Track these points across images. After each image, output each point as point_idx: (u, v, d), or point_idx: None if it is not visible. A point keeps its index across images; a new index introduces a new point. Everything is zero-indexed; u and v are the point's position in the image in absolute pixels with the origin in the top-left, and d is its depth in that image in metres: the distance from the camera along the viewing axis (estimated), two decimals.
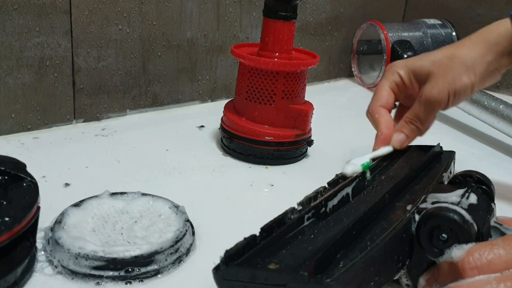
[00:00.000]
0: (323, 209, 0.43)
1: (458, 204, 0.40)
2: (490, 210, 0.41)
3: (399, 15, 1.24)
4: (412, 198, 0.42)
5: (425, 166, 0.51)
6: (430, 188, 0.44)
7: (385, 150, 0.54)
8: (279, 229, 0.38)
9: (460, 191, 0.43)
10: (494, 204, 0.44)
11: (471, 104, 0.84)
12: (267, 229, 0.37)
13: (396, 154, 0.56)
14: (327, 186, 0.46)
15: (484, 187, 0.46)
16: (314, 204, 0.42)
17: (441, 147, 0.56)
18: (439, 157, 0.54)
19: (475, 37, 0.52)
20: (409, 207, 0.39)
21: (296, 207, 0.41)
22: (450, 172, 0.51)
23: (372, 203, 0.40)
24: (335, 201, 0.44)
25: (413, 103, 0.56)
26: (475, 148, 0.80)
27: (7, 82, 0.64)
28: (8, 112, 0.66)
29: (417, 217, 0.38)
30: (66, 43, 0.68)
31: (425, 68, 0.53)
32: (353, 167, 0.49)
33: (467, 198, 0.42)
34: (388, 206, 0.41)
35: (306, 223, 0.40)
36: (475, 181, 0.47)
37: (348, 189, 0.46)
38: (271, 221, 0.38)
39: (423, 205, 0.40)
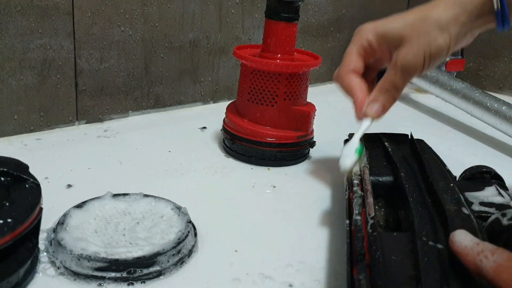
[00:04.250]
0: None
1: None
2: None
3: None
4: (454, 199, 0.41)
5: (420, 158, 0.50)
6: (456, 186, 0.43)
7: (365, 125, 0.51)
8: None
9: (491, 189, 0.43)
10: None
11: (473, 105, 0.84)
12: None
13: (375, 145, 0.55)
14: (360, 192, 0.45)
15: (499, 181, 0.47)
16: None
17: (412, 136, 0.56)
18: (420, 147, 0.53)
19: None
20: (465, 211, 0.38)
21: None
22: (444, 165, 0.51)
23: (436, 218, 0.39)
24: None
25: (381, 65, 0.54)
26: (478, 149, 0.80)
27: (10, 84, 0.64)
28: (11, 114, 0.66)
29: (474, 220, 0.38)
30: (68, 44, 0.68)
31: (396, 32, 0.49)
32: (350, 159, 0.48)
33: (510, 196, 0.42)
34: (440, 209, 0.40)
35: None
36: (492, 176, 0.48)
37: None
38: None
39: (476, 208, 0.41)
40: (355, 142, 0.50)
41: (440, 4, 0.49)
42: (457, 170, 0.54)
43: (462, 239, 0.33)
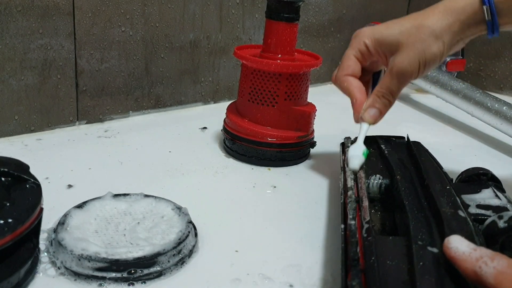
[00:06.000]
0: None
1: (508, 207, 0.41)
2: None
3: (402, 16, 1.24)
4: (451, 201, 0.41)
5: (417, 161, 0.50)
6: (452, 189, 0.43)
7: (365, 127, 0.53)
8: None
9: (487, 191, 0.44)
10: None
11: (474, 106, 0.84)
12: None
13: (374, 149, 0.55)
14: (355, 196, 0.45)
15: (496, 183, 0.47)
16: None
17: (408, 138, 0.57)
18: (417, 149, 0.53)
19: (442, 6, 0.51)
20: (462, 214, 0.39)
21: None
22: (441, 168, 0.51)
23: (432, 221, 0.39)
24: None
25: (377, 67, 0.56)
26: (478, 149, 0.80)
27: (10, 84, 0.64)
28: (12, 114, 0.66)
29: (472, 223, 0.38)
30: (69, 45, 0.68)
31: (393, 38, 0.51)
32: (358, 160, 0.50)
33: (507, 199, 0.42)
34: (436, 212, 0.40)
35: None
36: (489, 178, 0.48)
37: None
38: None
39: (472, 211, 0.41)
40: (361, 144, 0.51)
41: (435, 12, 0.51)
42: (457, 171, 0.54)
43: (459, 245, 0.33)
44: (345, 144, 0.59)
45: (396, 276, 0.33)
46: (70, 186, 0.55)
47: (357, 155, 0.50)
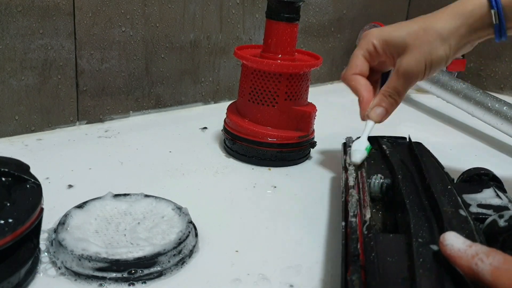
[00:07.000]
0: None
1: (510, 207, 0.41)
2: None
3: (402, 16, 1.24)
4: (452, 201, 0.41)
5: (418, 161, 0.50)
6: (453, 188, 0.44)
7: (370, 125, 0.55)
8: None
9: (489, 191, 0.44)
10: None
11: (474, 106, 0.84)
12: None
13: (376, 149, 0.57)
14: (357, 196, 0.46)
15: (498, 183, 0.47)
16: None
17: (410, 139, 0.58)
18: (418, 150, 0.54)
19: (450, 9, 0.52)
20: (462, 213, 0.39)
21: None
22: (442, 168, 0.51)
23: (433, 220, 0.39)
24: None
25: (385, 67, 0.58)
26: (479, 149, 0.80)
27: (11, 84, 0.64)
28: (12, 114, 0.66)
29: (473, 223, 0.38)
30: (69, 45, 0.68)
31: (400, 39, 0.53)
32: (360, 154, 0.52)
33: (508, 198, 0.43)
34: (436, 211, 0.40)
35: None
36: (490, 178, 0.48)
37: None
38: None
39: (473, 210, 0.41)
40: (365, 140, 0.54)
41: (442, 15, 0.52)
42: (458, 171, 0.54)
43: (454, 242, 0.33)
44: (347, 144, 0.59)
45: (396, 272, 0.33)
46: (70, 186, 0.55)
47: (360, 149, 0.52)
